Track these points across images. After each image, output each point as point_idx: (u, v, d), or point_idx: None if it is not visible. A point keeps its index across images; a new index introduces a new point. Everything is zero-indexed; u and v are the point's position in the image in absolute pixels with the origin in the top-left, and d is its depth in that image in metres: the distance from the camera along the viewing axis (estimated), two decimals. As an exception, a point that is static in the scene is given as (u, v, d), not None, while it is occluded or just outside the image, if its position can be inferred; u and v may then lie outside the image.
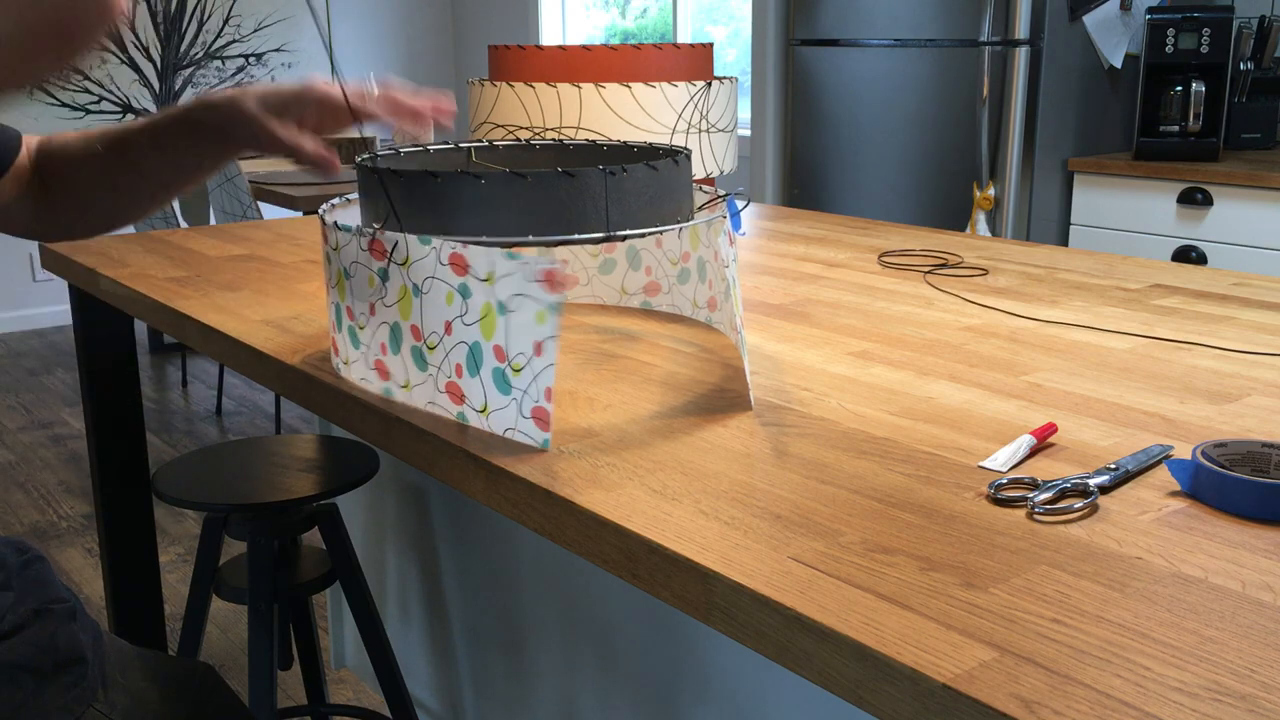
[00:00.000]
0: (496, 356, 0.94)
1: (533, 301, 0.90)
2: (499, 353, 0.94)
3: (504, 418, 0.96)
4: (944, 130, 3.31)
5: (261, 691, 1.59)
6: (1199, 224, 2.98)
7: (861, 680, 0.65)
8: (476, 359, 0.95)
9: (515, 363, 0.93)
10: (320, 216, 1.12)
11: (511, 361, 0.93)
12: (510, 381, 0.94)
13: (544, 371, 0.91)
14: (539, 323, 0.90)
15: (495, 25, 5.84)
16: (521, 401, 0.94)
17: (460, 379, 0.98)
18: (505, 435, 0.97)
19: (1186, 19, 3.07)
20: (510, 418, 0.95)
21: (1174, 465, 0.84)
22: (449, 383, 0.99)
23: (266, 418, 4.11)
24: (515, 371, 0.93)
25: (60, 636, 0.93)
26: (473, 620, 1.91)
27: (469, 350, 0.96)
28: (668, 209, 1.07)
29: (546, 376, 0.91)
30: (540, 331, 0.91)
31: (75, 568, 2.96)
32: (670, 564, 0.76)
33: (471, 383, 0.97)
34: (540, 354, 0.91)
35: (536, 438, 0.94)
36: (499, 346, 0.93)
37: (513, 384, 0.94)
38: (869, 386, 1.10)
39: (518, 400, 0.94)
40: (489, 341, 0.94)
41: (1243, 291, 1.48)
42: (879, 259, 1.70)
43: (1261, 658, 0.62)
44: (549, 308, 0.90)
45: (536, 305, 0.90)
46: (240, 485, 1.63)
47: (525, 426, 0.94)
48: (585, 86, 1.85)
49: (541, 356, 0.91)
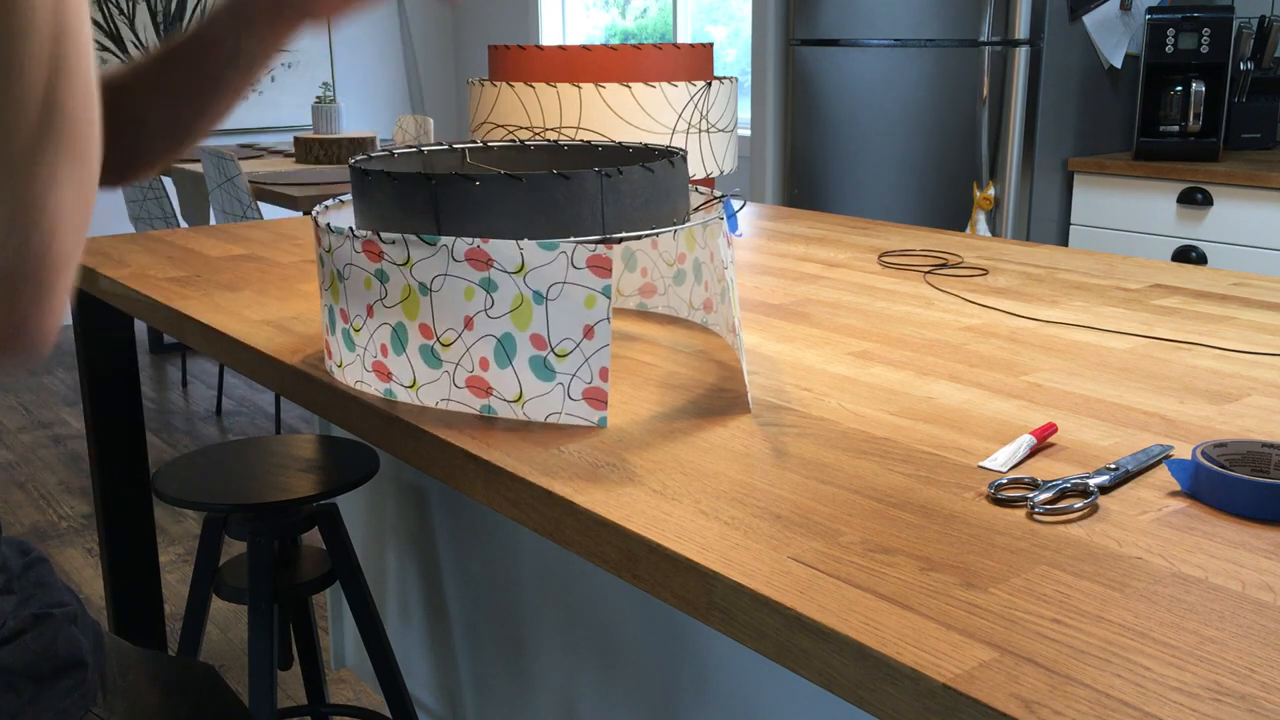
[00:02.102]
0: (535, 345, 0.97)
1: (579, 288, 0.94)
2: (538, 341, 0.96)
3: (545, 404, 0.99)
4: (944, 130, 3.31)
5: (261, 691, 1.59)
6: (1199, 224, 2.98)
7: (861, 680, 0.65)
8: (508, 350, 0.98)
9: (560, 349, 0.96)
10: (313, 219, 1.12)
11: (556, 348, 0.96)
12: (554, 368, 0.97)
13: (598, 353, 0.95)
14: (588, 307, 0.94)
15: (495, 25, 5.84)
16: (569, 385, 0.97)
17: (486, 372, 0.99)
18: (548, 420, 0.99)
19: (1186, 19, 3.07)
20: (554, 403, 0.98)
21: (1174, 465, 0.84)
22: (471, 377, 1.00)
23: (266, 418, 4.11)
24: (560, 357, 0.96)
25: (60, 641, 0.93)
26: (473, 620, 1.91)
27: (497, 342, 0.98)
28: (663, 210, 1.07)
29: (601, 357, 0.96)
30: (591, 315, 0.94)
31: (75, 568, 2.96)
32: (670, 564, 0.76)
33: (502, 374, 0.99)
34: (592, 337, 0.95)
35: (591, 417, 0.98)
36: (538, 335, 0.96)
37: (556, 369, 0.97)
38: (869, 386, 1.10)
39: (564, 384, 0.97)
40: (524, 332, 0.96)
41: (1243, 291, 1.48)
42: (879, 259, 1.70)
43: (1261, 658, 0.62)
44: (599, 292, 0.94)
45: (585, 291, 0.94)
46: (240, 485, 1.63)
47: (575, 409, 0.98)
48: (585, 86, 1.85)
49: (594, 339, 0.95)
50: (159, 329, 1.67)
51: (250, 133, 5.45)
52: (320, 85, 5.61)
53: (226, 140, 5.33)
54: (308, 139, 4.08)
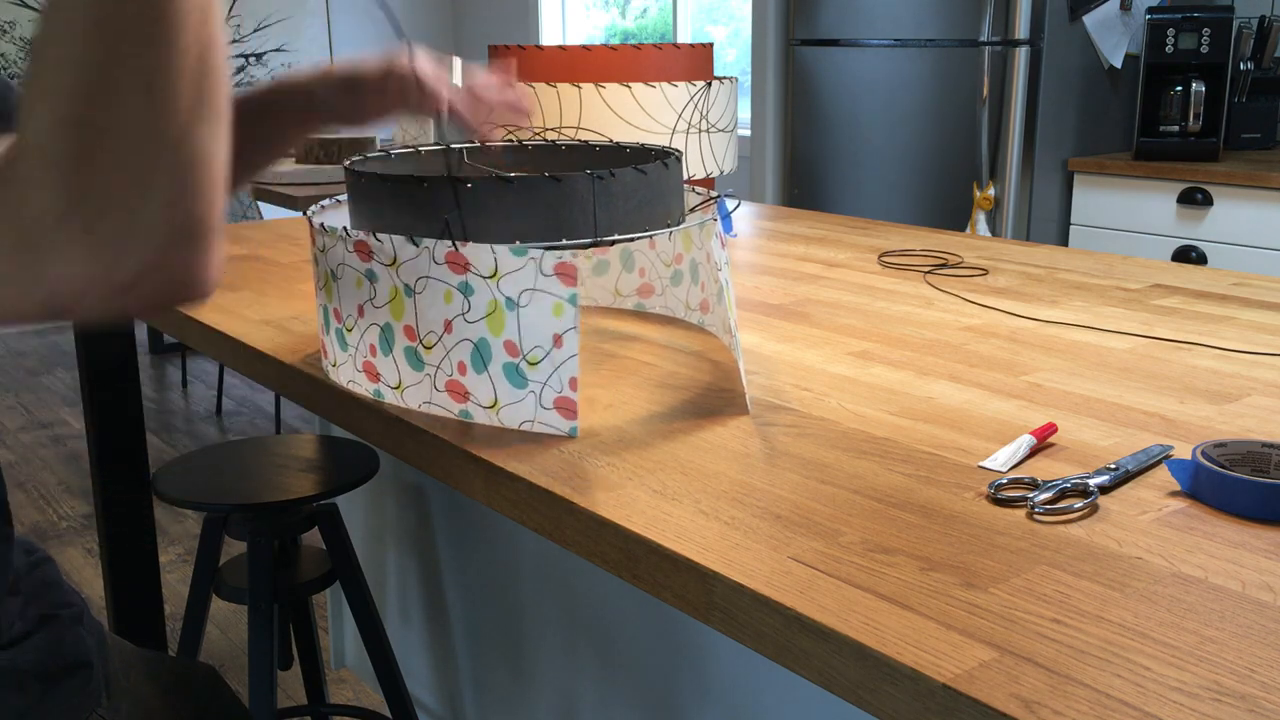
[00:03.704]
0: (508, 352, 0.95)
1: (547, 295, 0.92)
2: (510, 348, 0.95)
3: (518, 412, 0.97)
4: (944, 130, 3.31)
5: (261, 691, 1.59)
6: (1199, 224, 2.98)
7: (861, 680, 0.65)
8: (484, 355, 0.96)
9: (531, 356, 0.94)
10: (308, 218, 1.12)
11: (527, 356, 0.94)
12: (526, 375, 0.95)
13: (566, 362, 0.94)
14: (556, 315, 0.93)
15: (495, 25, 5.84)
16: (541, 394, 0.95)
17: (464, 376, 0.98)
18: (521, 429, 0.98)
19: (1186, 19, 3.07)
20: (527, 411, 0.97)
21: (1174, 465, 0.84)
22: (450, 381, 0.99)
23: (266, 418, 4.11)
24: (531, 365, 0.95)
25: (67, 641, 0.93)
26: (473, 620, 1.91)
27: (474, 347, 0.96)
28: (657, 212, 1.07)
29: (570, 367, 0.94)
30: (558, 324, 0.93)
31: (75, 568, 2.96)
32: (670, 564, 0.76)
33: (478, 379, 0.97)
34: (560, 346, 0.93)
35: (562, 427, 0.96)
36: (510, 342, 0.94)
37: (529, 377, 0.95)
38: (869, 386, 1.10)
39: (536, 393, 0.95)
40: (498, 338, 0.95)
41: (1243, 291, 1.48)
42: (879, 259, 1.70)
43: (1261, 658, 0.62)
44: (565, 300, 0.92)
45: (552, 299, 0.92)
46: (240, 485, 1.63)
47: (547, 418, 0.96)
48: (585, 86, 1.85)
49: (562, 348, 0.93)
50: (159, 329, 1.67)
51: (250, 133, 5.45)
52: (320, 85, 5.61)
53: (226, 140, 5.33)
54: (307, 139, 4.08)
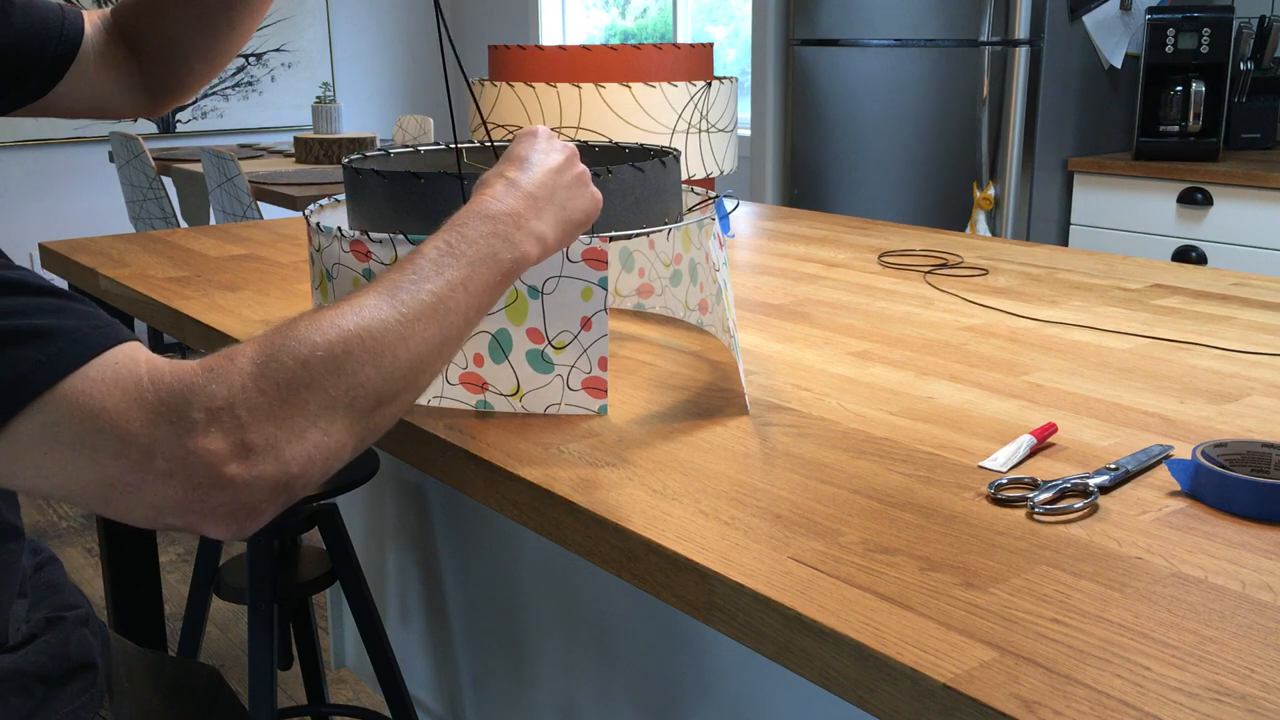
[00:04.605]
0: (532, 339, 0.97)
1: (575, 281, 0.95)
2: (534, 335, 0.97)
3: (544, 396, 1.00)
4: (944, 130, 3.31)
5: (261, 691, 1.59)
6: (1199, 224, 2.98)
7: (861, 680, 0.65)
8: (503, 345, 0.99)
9: (558, 341, 0.97)
10: (305, 217, 1.12)
11: (553, 341, 0.97)
12: (552, 360, 0.98)
13: (596, 343, 0.97)
14: (585, 299, 0.96)
15: (495, 25, 5.84)
16: (568, 376, 0.98)
17: (481, 368, 1.00)
18: (547, 413, 1.00)
19: (1186, 19, 3.07)
20: (554, 394, 0.99)
21: (1174, 465, 0.84)
22: (464, 374, 1.01)
23: (266, 418, 4.10)
24: (558, 350, 0.98)
25: (72, 643, 0.93)
26: (473, 620, 1.91)
27: (492, 339, 0.98)
28: (655, 211, 1.08)
29: (600, 347, 0.97)
30: (588, 308, 0.96)
31: (75, 568, 2.96)
32: (670, 564, 0.76)
33: (497, 369, 1.00)
34: (590, 328, 0.96)
35: (591, 405, 0.99)
36: (534, 329, 0.97)
37: (555, 362, 0.98)
38: (869, 386, 1.10)
39: (563, 376, 0.98)
40: (519, 326, 0.97)
41: (1243, 291, 1.48)
42: (879, 259, 1.70)
43: (1261, 658, 0.62)
44: (595, 284, 0.95)
45: (581, 284, 0.95)
46: (240, 485, 1.63)
47: (575, 399, 0.99)
48: (585, 86, 1.85)
49: (591, 330, 0.96)
50: (159, 329, 1.67)
51: (250, 133, 5.44)
52: (320, 85, 5.61)
53: (226, 140, 5.33)
54: (308, 139, 4.08)
